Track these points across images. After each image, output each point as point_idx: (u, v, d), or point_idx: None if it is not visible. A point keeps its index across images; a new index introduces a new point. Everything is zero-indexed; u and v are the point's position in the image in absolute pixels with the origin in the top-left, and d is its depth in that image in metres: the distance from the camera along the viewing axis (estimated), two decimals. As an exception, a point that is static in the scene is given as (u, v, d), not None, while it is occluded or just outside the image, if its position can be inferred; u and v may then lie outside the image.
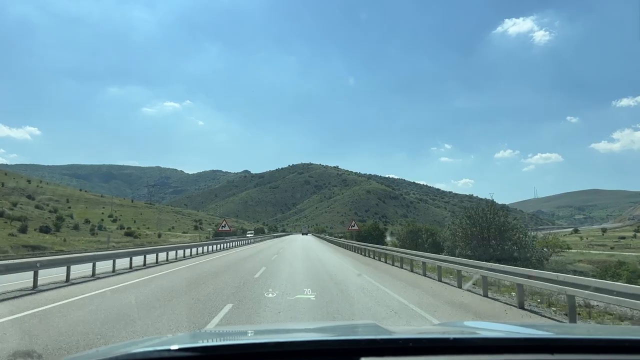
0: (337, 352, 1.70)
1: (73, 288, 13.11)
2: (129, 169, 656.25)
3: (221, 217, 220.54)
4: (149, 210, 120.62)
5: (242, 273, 17.54)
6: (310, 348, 1.75)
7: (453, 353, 1.66)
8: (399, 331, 2.28)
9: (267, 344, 1.79)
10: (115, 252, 20.84)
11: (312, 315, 8.98)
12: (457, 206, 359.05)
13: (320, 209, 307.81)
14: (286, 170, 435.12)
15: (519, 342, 1.80)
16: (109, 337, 6.81)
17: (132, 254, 20.25)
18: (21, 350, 6.08)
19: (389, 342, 1.78)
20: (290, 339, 2.14)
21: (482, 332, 2.35)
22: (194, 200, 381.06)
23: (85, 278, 15.63)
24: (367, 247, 32.45)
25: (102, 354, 1.66)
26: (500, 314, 9.44)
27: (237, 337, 2.41)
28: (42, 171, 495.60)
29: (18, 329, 7.61)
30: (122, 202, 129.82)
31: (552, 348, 1.69)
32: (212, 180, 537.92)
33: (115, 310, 9.27)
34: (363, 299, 10.93)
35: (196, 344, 1.78)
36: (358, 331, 2.60)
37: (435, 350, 1.69)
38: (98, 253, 20.11)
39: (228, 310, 9.33)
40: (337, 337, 2.16)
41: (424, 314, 9.17)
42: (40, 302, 10.42)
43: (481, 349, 1.69)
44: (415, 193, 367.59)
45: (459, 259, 15.48)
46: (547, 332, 2.27)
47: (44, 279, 13.92)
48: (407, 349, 1.67)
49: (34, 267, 13.09)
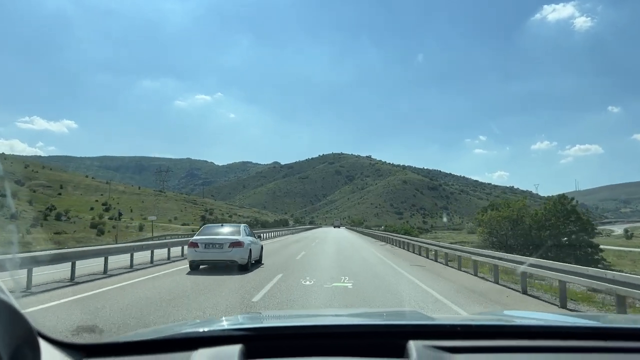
0: (387, 335, 1.70)
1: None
2: (160, 161, 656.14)
3: (248, 207, 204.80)
4: (153, 198, 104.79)
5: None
6: (361, 331, 1.79)
7: (501, 338, 1.64)
8: (442, 318, 2.40)
9: (317, 326, 1.85)
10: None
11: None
12: (499, 197, 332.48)
13: (352, 200, 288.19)
14: (316, 161, 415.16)
15: (566, 329, 1.78)
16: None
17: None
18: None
19: (436, 327, 1.81)
20: (341, 322, 2.20)
21: (524, 320, 2.34)
22: (222, 192, 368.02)
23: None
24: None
25: (154, 333, 1.72)
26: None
27: (286, 319, 2.51)
28: (75, 162, 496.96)
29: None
30: (127, 189, 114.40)
31: (603, 335, 1.66)
32: (242, 171, 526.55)
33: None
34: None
35: (247, 325, 1.83)
36: (404, 317, 2.68)
37: (479, 335, 1.67)
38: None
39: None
40: (386, 321, 2.23)
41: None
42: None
43: (529, 335, 1.67)
44: (454, 184, 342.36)
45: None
46: (591, 320, 2.23)
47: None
48: (454, 333, 1.67)
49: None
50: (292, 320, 2.36)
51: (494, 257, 13.89)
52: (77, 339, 5.52)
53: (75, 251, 13.81)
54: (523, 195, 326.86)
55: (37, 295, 9.64)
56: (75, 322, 6.76)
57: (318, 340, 1.66)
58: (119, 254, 15.63)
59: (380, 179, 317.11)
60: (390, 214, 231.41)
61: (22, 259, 10.62)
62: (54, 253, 12.47)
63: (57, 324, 6.66)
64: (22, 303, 7.32)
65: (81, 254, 13.39)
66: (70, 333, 5.92)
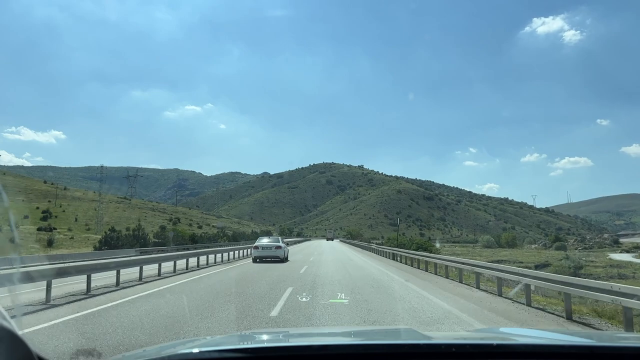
0: (382, 356, 1.69)
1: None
2: (147, 171, 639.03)
3: (227, 217, 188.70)
4: (112, 206, 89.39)
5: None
6: (355, 352, 1.79)
7: (496, 358, 1.63)
8: (438, 337, 2.37)
9: (312, 346, 1.85)
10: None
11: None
12: (497, 209, 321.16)
13: (344, 210, 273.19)
14: (306, 170, 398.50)
15: (563, 349, 1.76)
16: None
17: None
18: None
19: (431, 347, 1.78)
20: (335, 342, 2.22)
21: (523, 339, 2.35)
22: (207, 202, 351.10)
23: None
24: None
25: (152, 353, 1.72)
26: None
27: (282, 340, 2.53)
28: (58, 172, 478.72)
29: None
30: (85, 195, 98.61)
31: (597, 356, 1.63)
32: (231, 182, 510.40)
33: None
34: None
35: (242, 346, 1.87)
36: (400, 336, 2.67)
37: (477, 355, 1.66)
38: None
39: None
40: (380, 341, 2.22)
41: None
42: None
43: (524, 355, 1.66)
44: (449, 195, 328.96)
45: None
46: (590, 339, 2.24)
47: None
48: (450, 354, 1.65)
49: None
50: (288, 341, 2.40)
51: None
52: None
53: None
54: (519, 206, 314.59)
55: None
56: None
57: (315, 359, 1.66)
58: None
59: (374, 189, 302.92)
60: (385, 226, 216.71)
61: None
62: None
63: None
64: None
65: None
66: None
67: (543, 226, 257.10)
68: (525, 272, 12.09)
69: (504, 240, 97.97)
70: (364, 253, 41.49)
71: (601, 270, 47.51)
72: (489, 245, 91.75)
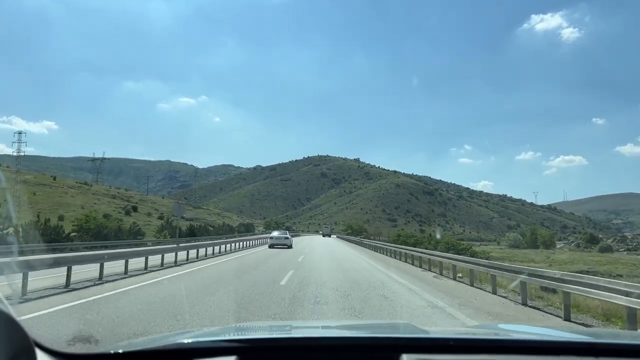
0: (379, 349, 1.69)
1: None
2: (138, 163, 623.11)
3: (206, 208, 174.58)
4: (62, 190, 75.44)
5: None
6: (351, 344, 1.79)
7: (493, 353, 1.63)
8: (436, 331, 2.41)
9: (311, 338, 1.88)
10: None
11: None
12: (498, 205, 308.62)
13: (339, 204, 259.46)
14: (300, 163, 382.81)
15: (559, 345, 1.77)
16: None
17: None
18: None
19: (429, 340, 1.80)
20: (334, 334, 2.22)
21: (520, 335, 2.32)
22: (196, 194, 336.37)
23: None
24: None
25: (147, 343, 1.73)
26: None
27: (279, 331, 2.54)
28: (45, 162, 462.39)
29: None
30: (37, 178, 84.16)
31: (595, 351, 1.62)
32: (223, 174, 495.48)
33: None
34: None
35: (241, 337, 1.86)
36: (398, 329, 2.69)
37: (475, 349, 1.66)
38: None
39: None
40: (379, 334, 2.21)
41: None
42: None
43: (521, 350, 1.67)
44: (449, 190, 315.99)
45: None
46: (588, 336, 2.21)
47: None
48: (448, 347, 1.65)
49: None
50: (287, 332, 2.39)
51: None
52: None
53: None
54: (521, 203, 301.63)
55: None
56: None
57: (312, 352, 1.66)
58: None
59: (370, 183, 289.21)
60: (383, 221, 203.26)
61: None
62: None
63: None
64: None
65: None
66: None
67: (547, 224, 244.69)
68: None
69: (528, 239, 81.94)
70: (411, 274, 26.76)
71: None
72: (516, 244, 77.93)
